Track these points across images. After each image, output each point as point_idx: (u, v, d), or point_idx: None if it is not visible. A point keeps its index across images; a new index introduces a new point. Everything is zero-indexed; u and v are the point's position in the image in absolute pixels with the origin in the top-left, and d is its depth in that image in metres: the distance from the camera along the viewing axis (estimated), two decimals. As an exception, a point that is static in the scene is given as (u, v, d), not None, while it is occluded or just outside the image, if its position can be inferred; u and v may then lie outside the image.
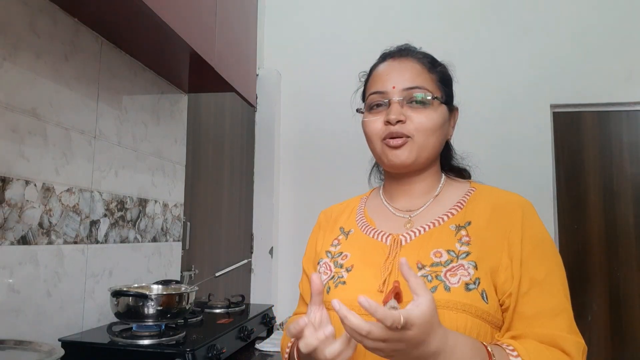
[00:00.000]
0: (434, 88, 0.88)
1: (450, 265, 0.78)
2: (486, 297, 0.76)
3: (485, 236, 0.80)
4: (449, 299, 0.75)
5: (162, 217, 1.83)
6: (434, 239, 0.83)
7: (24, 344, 0.94)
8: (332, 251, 0.93)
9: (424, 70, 0.89)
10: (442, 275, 0.77)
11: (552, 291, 0.77)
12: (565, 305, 0.77)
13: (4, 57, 1.11)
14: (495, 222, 0.82)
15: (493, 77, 2.99)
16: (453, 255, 0.79)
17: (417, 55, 0.93)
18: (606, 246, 2.85)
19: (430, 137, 0.86)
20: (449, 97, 0.92)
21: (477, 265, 0.78)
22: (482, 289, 0.76)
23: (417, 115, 0.85)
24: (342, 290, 0.84)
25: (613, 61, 2.88)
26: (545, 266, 0.78)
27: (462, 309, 0.74)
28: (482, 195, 0.88)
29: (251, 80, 2.06)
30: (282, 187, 3.16)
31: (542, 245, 0.80)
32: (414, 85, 0.87)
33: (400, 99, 0.86)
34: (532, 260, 0.78)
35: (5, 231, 1.10)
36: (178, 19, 1.31)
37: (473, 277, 0.77)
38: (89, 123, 1.42)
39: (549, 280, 0.77)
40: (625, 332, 2.77)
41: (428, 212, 0.88)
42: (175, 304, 1.25)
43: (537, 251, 0.79)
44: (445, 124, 0.90)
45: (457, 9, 3.08)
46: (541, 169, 2.89)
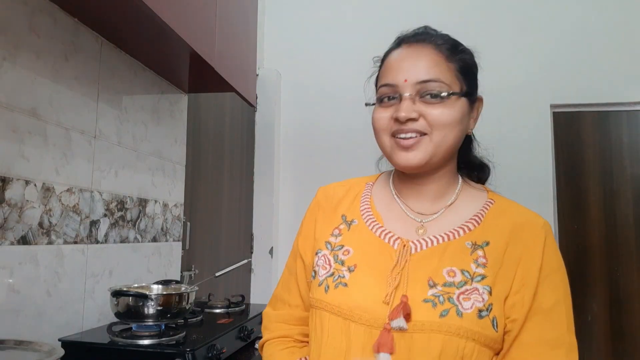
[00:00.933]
0: (452, 80, 0.78)
1: (464, 287, 0.72)
2: (496, 325, 0.71)
3: (502, 259, 0.75)
4: (460, 326, 0.69)
5: (162, 217, 1.83)
6: (448, 254, 0.75)
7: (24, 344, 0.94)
8: (332, 242, 0.84)
9: (442, 59, 0.78)
10: (454, 298, 0.71)
11: (555, 322, 0.73)
12: (566, 338, 0.72)
13: (4, 57, 1.11)
14: (514, 244, 0.76)
15: (493, 77, 2.97)
16: (467, 276, 0.73)
17: (436, 40, 0.81)
18: (606, 246, 2.85)
19: (447, 135, 0.77)
20: (471, 88, 0.81)
21: (492, 290, 0.72)
22: (494, 315, 0.71)
23: (432, 111, 0.76)
24: (343, 294, 0.77)
25: (613, 61, 2.88)
26: (554, 295, 0.74)
27: (472, 337, 0.69)
28: (501, 210, 0.81)
29: (251, 80, 2.06)
30: (282, 187, 3.16)
31: (556, 274, 0.76)
32: (428, 78, 0.76)
33: (412, 93, 0.77)
34: (544, 286, 0.74)
35: (5, 231, 1.10)
36: (178, 19, 1.31)
37: (487, 303, 0.71)
38: (89, 123, 1.42)
39: (556, 311, 0.73)
40: (625, 332, 2.77)
41: (442, 219, 0.80)
42: (175, 304, 1.25)
43: (551, 278, 0.75)
44: (464, 119, 0.79)
45: (457, 9, 3.08)
46: (541, 169, 2.89)
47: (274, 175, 3.08)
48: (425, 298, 0.72)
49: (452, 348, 0.68)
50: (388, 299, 0.73)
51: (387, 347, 0.69)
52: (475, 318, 0.70)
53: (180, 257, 1.99)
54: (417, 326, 0.70)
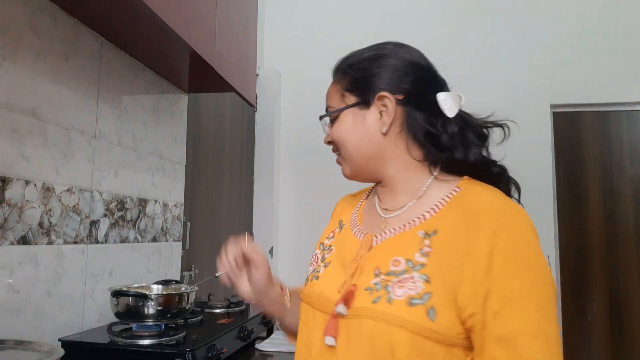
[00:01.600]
0: (338, 100, 0.88)
1: (403, 276, 0.73)
2: (434, 314, 0.68)
3: (449, 247, 0.73)
4: (387, 312, 0.70)
5: (162, 217, 1.83)
6: (398, 245, 0.78)
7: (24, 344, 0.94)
8: (325, 244, 0.93)
9: (334, 86, 0.90)
10: (389, 286, 0.73)
11: (526, 311, 0.67)
12: (544, 328, 0.67)
13: (4, 57, 1.11)
14: (464, 231, 0.73)
15: (493, 77, 2.99)
16: (410, 265, 0.74)
17: (335, 69, 0.92)
18: (606, 246, 2.84)
19: (348, 146, 0.85)
20: (363, 96, 0.85)
21: (430, 279, 0.71)
22: (432, 305, 0.69)
23: (331, 134, 0.89)
24: (314, 285, 0.86)
25: (613, 61, 2.88)
26: (522, 283, 0.68)
27: (399, 324, 0.69)
28: (462, 197, 0.78)
29: (251, 80, 2.06)
30: (282, 187, 3.16)
31: (522, 259, 0.70)
32: (326, 107, 0.91)
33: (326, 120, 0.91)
34: (507, 275, 0.68)
35: (5, 231, 1.10)
36: (178, 19, 1.31)
37: (422, 291, 0.70)
38: (89, 123, 1.42)
39: (525, 299, 0.68)
40: (625, 332, 2.77)
41: (406, 213, 0.82)
42: (175, 304, 1.25)
43: (515, 265, 0.69)
44: (358, 124, 0.84)
45: (457, 9, 3.08)
46: (541, 169, 2.89)
47: (274, 175, 3.08)
48: (367, 286, 0.76)
49: (381, 334, 0.70)
50: (340, 287, 0.79)
51: (331, 331, 0.75)
52: (405, 305, 0.70)
53: (180, 257, 1.99)
54: (354, 312, 0.74)
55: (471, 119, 0.88)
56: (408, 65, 0.86)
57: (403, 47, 0.91)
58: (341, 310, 0.75)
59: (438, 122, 0.83)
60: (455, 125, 0.84)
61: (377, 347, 0.71)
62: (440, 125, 0.83)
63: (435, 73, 0.90)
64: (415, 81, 0.85)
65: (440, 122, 0.83)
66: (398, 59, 0.87)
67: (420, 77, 0.86)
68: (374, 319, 0.71)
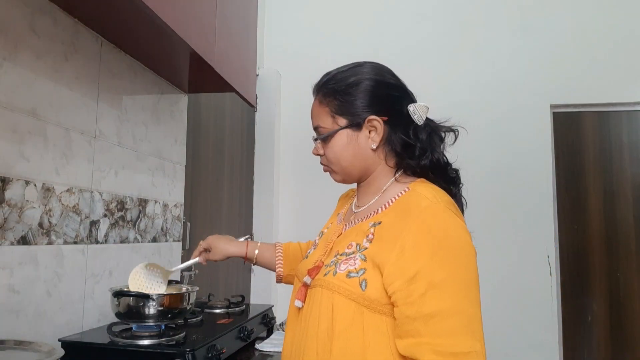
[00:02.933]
0: (329, 122, 0.98)
1: (350, 256, 0.91)
2: (365, 285, 0.86)
3: (385, 235, 0.89)
4: (331, 282, 0.89)
5: (162, 217, 1.83)
6: (354, 233, 0.96)
7: (24, 344, 0.94)
8: (323, 232, 1.12)
9: (319, 106, 1.00)
10: (338, 263, 0.92)
11: (446, 294, 0.81)
12: (460, 308, 0.81)
13: (4, 57, 1.11)
14: (397, 224, 0.89)
15: (493, 77, 2.99)
16: (357, 248, 0.92)
17: (318, 90, 1.02)
18: (606, 246, 2.85)
19: (340, 163, 0.99)
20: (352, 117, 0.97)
21: (367, 258, 0.89)
22: (364, 278, 0.87)
23: (325, 150, 1.00)
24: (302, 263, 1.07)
25: (613, 61, 2.89)
26: (444, 270, 0.82)
27: (338, 291, 0.88)
28: (407, 196, 0.93)
29: (251, 80, 2.06)
30: (282, 187, 3.16)
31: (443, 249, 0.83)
32: (315, 126, 1.01)
33: (314, 136, 1.02)
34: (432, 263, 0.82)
35: (5, 231, 1.10)
36: (178, 19, 1.31)
37: (358, 267, 0.88)
38: (89, 123, 1.42)
39: (446, 284, 0.81)
40: (625, 332, 2.77)
41: (369, 209, 0.99)
42: (176, 305, 1.25)
43: (439, 255, 0.83)
44: (351, 144, 0.97)
45: (457, 9, 3.08)
46: (541, 169, 2.89)
47: (274, 175, 3.08)
48: (327, 263, 0.95)
49: (326, 298, 0.89)
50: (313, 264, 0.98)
51: (299, 296, 0.96)
52: (344, 277, 0.89)
53: (180, 257, 1.99)
54: (314, 282, 0.94)
55: (435, 125, 1.01)
56: (385, 87, 0.99)
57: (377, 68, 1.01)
58: (305, 280, 0.96)
59: (411, 131, 0.97)
60: (425, 132, 0.98)
61: (323, 309, 0.89)
62: (413, 134, 0.97)
63: (405, 88, 1.01)
64: (392, 101, 0.98)
65: (412, 130, 0.97)
66: (375, 83, 0.98)
67: (395, 96, 0.99)
68: (322, 287, 0.91)
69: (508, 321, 2.73)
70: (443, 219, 0.87)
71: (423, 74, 2.73)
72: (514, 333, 2.73)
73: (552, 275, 2.79)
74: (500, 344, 2.61)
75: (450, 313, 0.80)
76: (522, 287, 2.79)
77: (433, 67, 2.99)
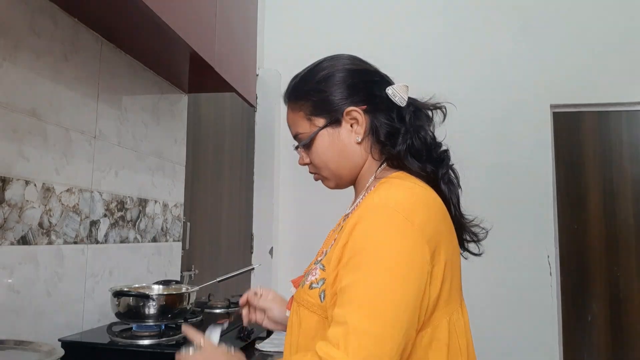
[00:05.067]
0: (307, 125, 0.93)
1: (316, 265, 0.87)
2: (324, 296, 0.82)
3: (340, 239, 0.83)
4: (299, 294, 0.87)
5: (162, 217, 1.83)
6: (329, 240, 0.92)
7: (24, 344, 0.94)
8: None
9: (293, 113, 0.95)
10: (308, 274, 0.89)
11: (345, 301, 0.74)
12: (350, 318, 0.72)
13: (4, 57, 1.11)
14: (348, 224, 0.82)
15: (493, 77, 2.99)
16: (323, 256, 0.88)
17: (289, 97, 0.98)
18: (606, 246, 2.84)
19: (329, 166, 0.93)
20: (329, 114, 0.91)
21: (325, 267, 0.84)
22: (323, 289, 0.82)
23: (310, 157, 0.94)
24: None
25: (613, 61, 2.88)
26: (353, 276, 0.75)
27: (303, 304, 0.85)
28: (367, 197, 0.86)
29: (251, 80, 2.06)
30: (282, 187, 3.16)
31: (361, 254, 0.76)
32: (294, 134, 0.97)
33: (296, 144, 0.97)
34: (347, 267, 0.77)
35: (5, 231, 1.10)
36: (178, 19, 1.31)
37: (318, 278, 0.84)
38: (89, 123, 1.42)
39: (350, 290, 0.75)
40: (625, 332, 2.77)
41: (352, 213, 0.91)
42: (176, 304, 1.25)
43: (355, 259, 0.76)
44: (334, 142, 0.91)
45: (457, 9, 3.08)
46: (541, 169, 2.89)
47: (274, 176, 3.08)
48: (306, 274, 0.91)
49: (295, 310, 0.88)
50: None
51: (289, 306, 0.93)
52: (308, 289, 0.85)
53: (180, 257, 1.99)
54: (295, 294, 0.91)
55: (419, 103, 0.94)
56: (357, 75, 0.93)
57: (338, 59, 0.96)
58: (292, 291, 0.94)
59: (394, 115, 0.90)
60: (409, 112, 0.91)
61: (294, 320, 0.88)
62: (397, 118, 0.90)
63: (378, 71, 0.95)
64: (368, 88, 0.92)
65: (396, 114, 0.91)
66: (343, 72, 0.92)
67: (370, 81, 0.93)
68: (295, 299, 0.89)
69: (508, 321, 2.73)
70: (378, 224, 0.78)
71: (423, 74, 2.73)
72: (514, 333, 2.73)
73: (552, 275, 2.79)
74: (500, 344, 2.61)
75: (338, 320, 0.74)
76: (522, 287, 2.78)
77: (433, 67, 2.99)
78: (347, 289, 0.75)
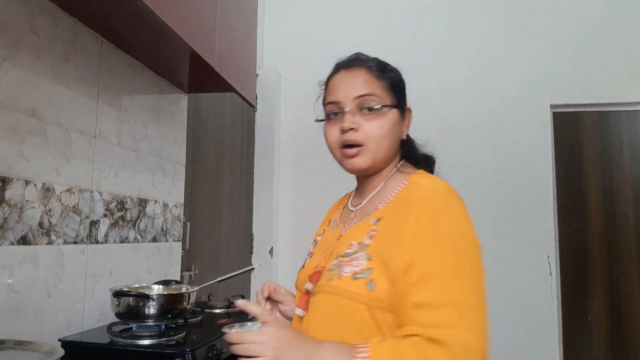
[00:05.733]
0: (384, 94, 0.94)
1: (352, 256, 0.87)
2: (373, 286, 0.82)
3: (387, 230, 0.86)
4: (337, 286, 0.86)
5: (162, 217, 1.83)
6: (355, 232, 0.92)
7: (24, 344, 0.94)
8: (316, 240, 1.09)
9: (374, 78, 0.95)
10: (342, 265, 0.87)
11: (438, 284, 0.78)
12: (453, 297, 0.77)
13: (4, 57, 1.11)
14: (398, 216, 0.86)
15: (493, 77, 2.99)
16: (359, 247, 0.88)
17: (368, 63, 0.97)
18: (606, 246, 2.84)
19: (381, 143, 0.93)
20: (400, 101, 0.97)
21: (372, 257, 0.85)
22: (372, 278, 0.83)
23: (368, 124, 0.92)
24: (299, 273, 1.02)
25: (613, 61, 2.88)
26: (437, 259, 0.79)
27: (346, 295, 0.84)
28: (407, 188, 0.91)
29: (251, 80, 2.06)
30: (282, 187, 3.16)
31: (439, 238, 0.81)
32: (364, 93, 0.93)
33: (352, 107, 0.93)
34: (426, 252, 0.80)
35: (5, 231, 1.10)
36: (178, 19, 1.31)
37: (364, 267, 0.84)
38: (89, 123, 1.42)
39: (439, 273, 0.78)
40: (625, 332, 2.77)
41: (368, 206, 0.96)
42: (176, 304, 1.25)
43: (433, 244, 0.81)
44: (396, 127, 0.96)
45: (457, 9, 3.08)
46: (541, 169, 2.89)
47: (274, 176, 3.08)
48: (329, 267, 0.91)
49: (332, 304, 0.86)
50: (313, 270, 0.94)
51: (301, 304, 0.93)
52: (350, 280, 0.84)
53: (180, 257, 1.99)
54: (317, 289, 0.90)
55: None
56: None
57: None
58: (307, 287, 0.92)
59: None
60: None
61: (330, 315, 0.86)
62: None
63: None
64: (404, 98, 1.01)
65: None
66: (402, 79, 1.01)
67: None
68: (328, 292, 0.87)
69: (508, 321, 2.73)
70: (441, 209, 0.84)
71: (423, 74, 2.73)
72: (514, 333, 2.73)
73: (552, 275, 2.79)
74: (500, 344, 2.60)
75: (439, 304, 0.77)
76: (522, 287, 2.78)
77: (433, 67, 2.99)
78: (438, 272, 0.78)
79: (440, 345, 0.74)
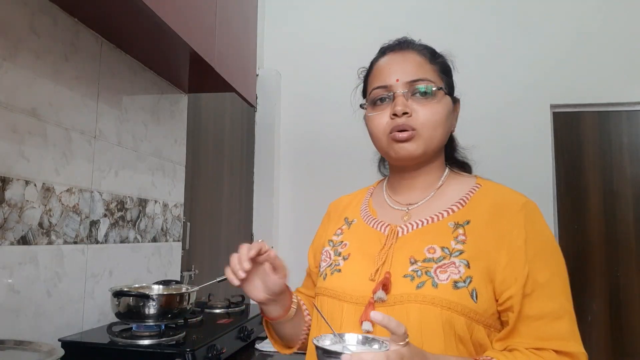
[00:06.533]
0: (437, 79, 0.87)
1: (442, 262, 0.78)
2: (476, 296, 0.75)
3: (483, 235, 0.79)
4: (435, 295, 0.75)
5: (162, 217, 1.83)
6: (430, 235, 0.82)
7: (24, 344, 0.94)
8: (334, 240, 0.95)
9: (426, 62, 0.88)
10: (432, 272, 0.77)
11: (554, 294, 0.76)
12: (567, 308, 0.76)
13: (4, 57, 1.11)
14: (496, 222, 0.80)
15: (493, 77, 2.99)
16: (447, 252, 0.79)
17: (417, 47, 0.91)
18: (606, 246, 2.85)
19: (436, 130, 0.85)
20: (451, 88, 0.91)
21: (470, 264, 0.77)
22: (473, 287, 0.75)
23: (422, 109, 0.84)
24: (338, 278, 0.87)
25: (613, 61, 2.89)
26: (548, 269, 0.77)
27: (447, 306, 0.74)
28: (486, 192, 0.86)
29: (251, 80, 2.06)
30: (282, 187, 3.16)
31: (546, 248, 0.79)
32: (417, 78, 0.85)
33: (405, 91, 0.85)
34: (537, 262, 0.77)
35: (5, 231, 1.10)
36: (178, 19, 1.31)
37: (464, 275, 0.76)
38: (89, 123, 1.42)
39: (552, 283, 0.76)
40: (625, 332, 2.77)
41: (428, 206, 0.87)
42: (176, 304, 1.25)
43: (542, 253, 0.78)
44: (450, 116, 0.88)
45: (457, 8, 3.08)
46: (541, 169, 2.89)
47: (274, 175, 3.08)
48: (406, 274, 0.79)
49: (430, 316, 0.74)
50: (373, 276, 0.81)
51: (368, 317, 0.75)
52: (451, 288, 0.75)
53: (180, 257, 1.99)
54: (396, 298, 0.77)
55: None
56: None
57: None
58: (381, 296, 0.77)
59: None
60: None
61: (426, 329, 0.74)
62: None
63: None
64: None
65: None
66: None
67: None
68: (420, 302, 0.75)
69: (508, 321, 2.73)
70: (541, 219, 0.82)
71: (423, 74, 2.72)
72: (514, 333, 2.73)
73: (552, 275, 2.79)
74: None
75: (559, 315, 0.75)
76: (522, 287, 2.78)
77: (433, 67, 2.99)
78: (550, 284, 0.76)
79: (571, 358, 0.73)
